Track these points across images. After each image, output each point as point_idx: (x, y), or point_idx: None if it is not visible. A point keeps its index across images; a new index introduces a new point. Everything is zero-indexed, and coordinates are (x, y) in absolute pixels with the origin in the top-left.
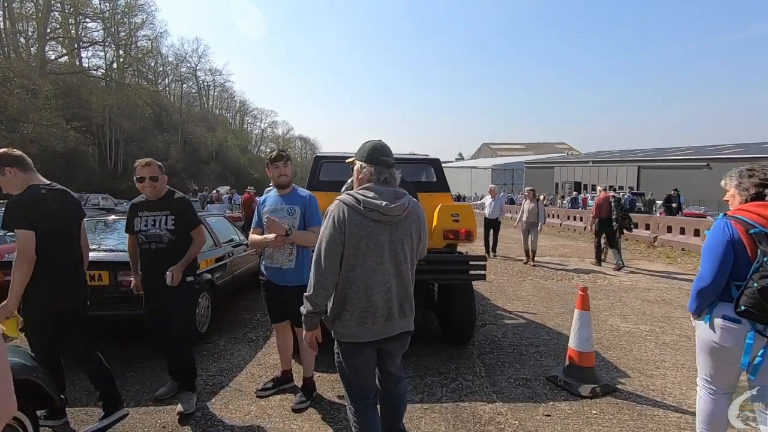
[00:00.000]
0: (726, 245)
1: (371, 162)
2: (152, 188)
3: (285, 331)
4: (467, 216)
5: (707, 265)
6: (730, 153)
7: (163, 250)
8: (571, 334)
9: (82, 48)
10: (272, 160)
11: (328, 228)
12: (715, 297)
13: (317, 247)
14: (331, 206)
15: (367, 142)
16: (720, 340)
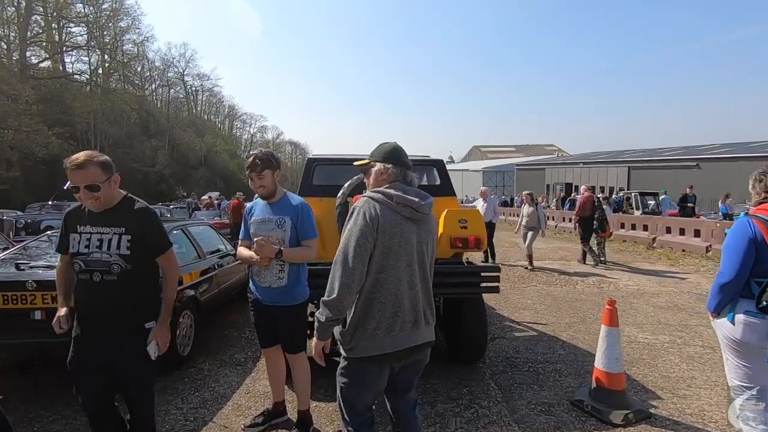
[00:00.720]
0: (748, 242)
1: (395, 163)
2: (94, 201)
3: (276, 357)
4: (476, 222)
5: (729, 262)
6: (719, 153)
7: (112, 284)
8: (598, 353)
9: (66, 52)
10: (247, 168)
11: (358, 224)
12: (736, 294)
13: (344, 245)
14: (358, 203)
15: (384, 144)
16: (742, 336)
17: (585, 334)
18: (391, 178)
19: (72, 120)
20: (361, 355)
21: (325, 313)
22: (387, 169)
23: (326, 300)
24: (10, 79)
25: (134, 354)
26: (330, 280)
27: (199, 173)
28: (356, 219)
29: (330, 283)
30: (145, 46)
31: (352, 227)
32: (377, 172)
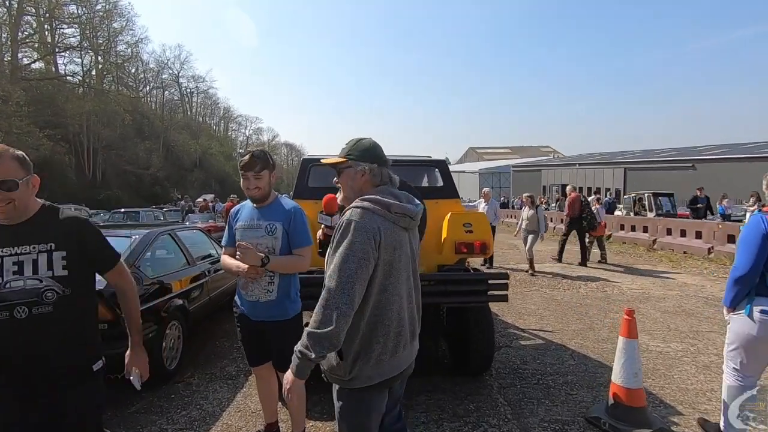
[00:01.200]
0: (762, 238)
1: (378, 162)
2: (6, 207)
3: (267, 375)
4: (481, 225)
5: (743, 256)
6: (715, 154)
7: (45, 318)
8: (615, 366)
9: (58, 53)
10: (241, 167)
11: (357, 243)
12: (750, 288)
13: (340, 267)
14: (349, 215)
15: (361, 140)
16: (758, 332)
17: (594, 342)
18: (375, 180)
19: (64, 122)
20: (365, 384)
21: (316, 349)
22: (371, 169)
23: (319, 332)
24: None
25: (84, 410)
26: (321, 307)
27: (194, 175)
28: (353, 235)
29: (321, 311)
30: (139, 47)
31: (349, 246)
32: (358, 173)
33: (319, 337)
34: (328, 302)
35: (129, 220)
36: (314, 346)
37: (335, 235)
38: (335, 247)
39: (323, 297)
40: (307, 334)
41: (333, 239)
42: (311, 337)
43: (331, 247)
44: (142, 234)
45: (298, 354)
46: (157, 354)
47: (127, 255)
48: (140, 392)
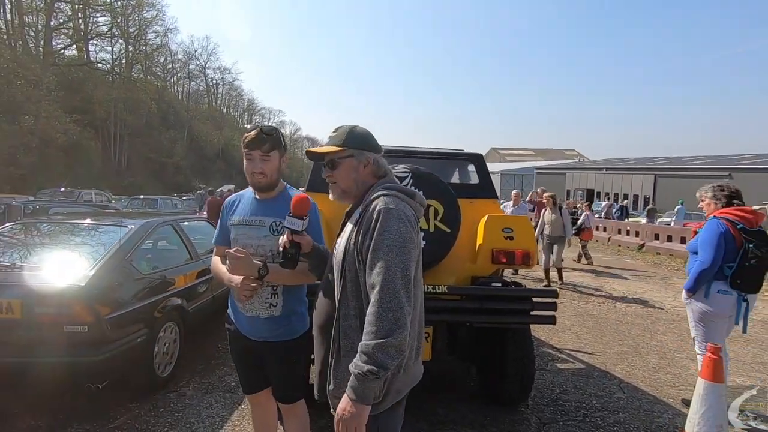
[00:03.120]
0: (720, 237)
1: (378, 151)
2: None
3: (264, 404)
4: (524, 231)
5: (708, 253)
6: (753, 163)
7: None
8: (692, 415)
9: (90, 41)
10: (245, 145)
11: (403, 230)
12: (710, 276)
13: (392, 261)
14: (383, 203)
15: (355, 127)
16: (716, 308)
17: (643, 370)
18: (379, 171)
19: (92, 108)
20: (394, 401)
21: (387, 362)
22: (375, 159)
23: (390, 341)
24: (33, 65)
25: None
26: (382, 309)
27: (216, 166)
28: (397, 223)
29: (383, 314)
30: (168, 37)
31: (396, 234)
32: (361, 163)
33: (391, 347)
34: (390, 302)
35: (147, 207)
36: (386, 359)
37: (369, 227)
38: (376, 239)
39: (380, 298)
40: (374, 347)
41: (365, 232)
42: (380, 349)
43: (353, 240)
44: (139, 223)
45: (367, 374)
46: (148, 359)
47: (119, 246)
48: (126, 403)
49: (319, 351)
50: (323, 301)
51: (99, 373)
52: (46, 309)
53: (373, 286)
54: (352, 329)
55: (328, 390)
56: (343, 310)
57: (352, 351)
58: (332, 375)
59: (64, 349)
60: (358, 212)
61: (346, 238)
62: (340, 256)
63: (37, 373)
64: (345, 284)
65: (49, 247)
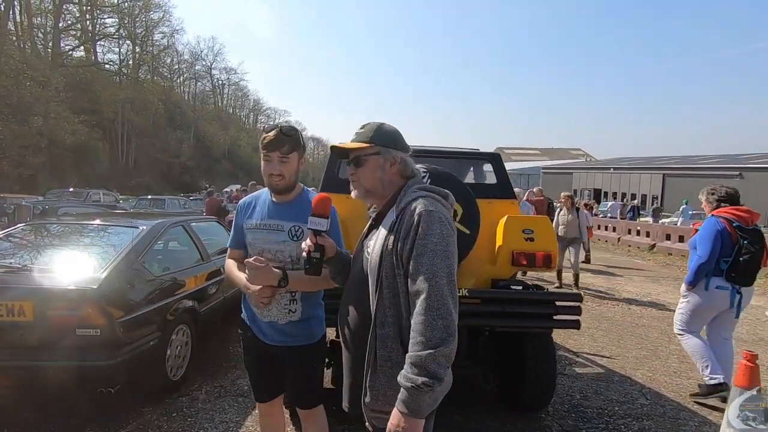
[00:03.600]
0: (717, 234)
1: (406, 150)
2: None
3: (275, 414)
4: (545, 232)
5: (705, 249)
6: (762, 162)
7: None
8: (725, 427)
9: (97, 42)
10: (264, 146)
11: (446, 234)
12: (709, 271)
13: (438, 266)
14: (423, 205)
15: (383, 124)
16: (712, 302)
17: (665, 375)
18: (406, 171)
19: (100, 108)
20: (430, 409)
21: (440, 372)
22: (402, 159)
23: (441, 351)
24: (41, 66)
25: None
26: (432, 318)
27: (222, 166)
28: (439, 226)
29: (433, 322)
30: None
31: (439, 238)
32: (387, 162)
33: (443, 356)
34: (439, 310)
35: (154, 207)
36: (438, 369)
37: (409, 231)
38: (419, 244)
39: (428, 306)
40: (426, 357)
41: (405, 236)
42: (433, 359)
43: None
44: (150, 224)
45: (421, 386)
46: (161, 363)
47: (131, 247)
48: (138, 407)
49: (349, 361)
50: (353, 309)
51: (111, 378)
52: (58, 311)
53: (419, 292)
54: (390, 337)
55: (364, 402)
56: (380, 317)
57: (389, 360)
58: (368, 386)
59: (76, 352)
60: (393, 215)
61: (382, 242)
62: (376, 262)
63: (48, 376)
64: (382, 291)
65: (61, 249)
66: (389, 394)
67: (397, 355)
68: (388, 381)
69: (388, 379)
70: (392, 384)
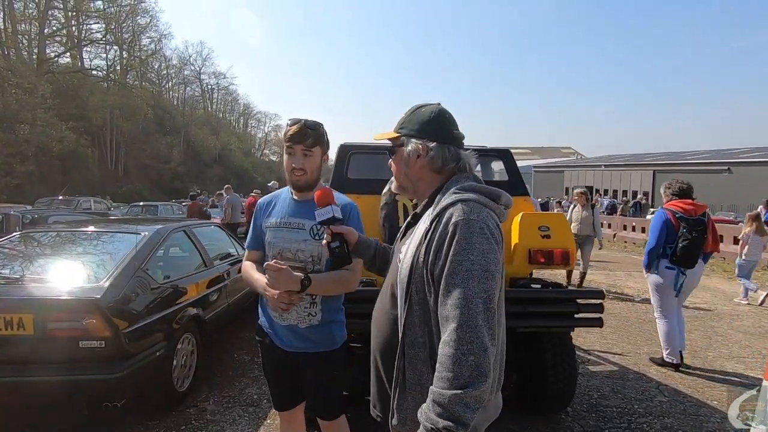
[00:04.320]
0: (663, 224)
1: (443, 139)
2: None
3: (296, 422)
4: (562, 229)
5: (653, 237)
6: (751, 157)
7: None
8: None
9: (84, 48)
10: (288, 139)
11: (485, 250)
12: (657, 256)
13: (470, 290)
14: (458, 214)
15: (421, 107)
16: (663, 281)
17: (679, 371)
18: (435, 164)
19: (87, 115)
20: None
21: (467, 416)
22: (428, 149)
23: (470, 393)
24: (27, 72)
25: None
26: (461, 353)
27: (213, 171)
28: (483, 240)
29: (461, 358)
30: (163, 43)
31: (480, 256)
32: (411, 153)
33: (471, 398)
34: (471, 344)
35: (147, 214)
36: (465, 412)
37: (442, 244)
38: (452, 261)
39: (458, 337)
40: (450, 398)
41: (437, 249)
42: (458, 401)
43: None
44: (152, 230)
45: (438, 428)
46: (167, 374)
47: (134, 254)
48: (144, 421)
49: (376, 368)
50: (382, 321)
51: (117, 391)
52: (59, 324)
53: (448, 320)
54: (420, 360)
55: (391, 423)
56: (409, 336)
57: (419, 385)
58: (396, 408)
59: (80, 365)
60: (427, 218)
61: (414, 252)
62: (406, 273)
63: (50, 392)
64: (411, 306)
65: (61, 258)
66: (417, 420)
67: (427, 380)
68: (417, 406)
69: (417, 404)
70: None
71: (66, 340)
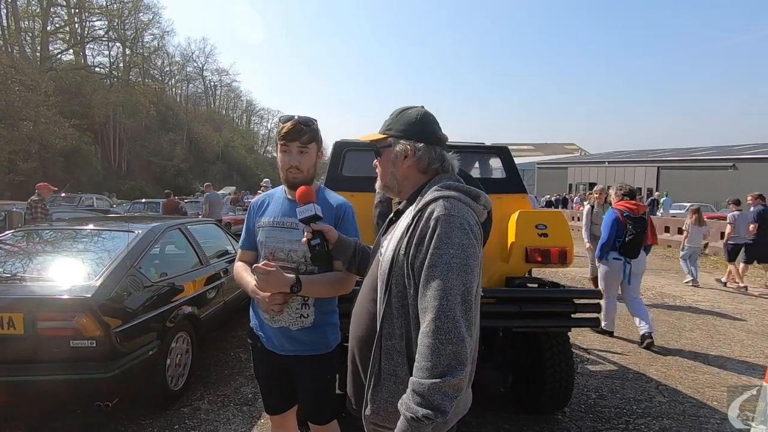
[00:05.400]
0: (613, 222)
1: (429, 140)
2: None
3: (288, 423)
4: (560, 227)
5: (605, 232)
6: (757, 153)
7: None
8: (757, 423)
9: (86, 44)
10: (282, 136)
11: (464, 244)
12: (609, 248)
13: (450, 283)
14: (439, 209)
15: (406, 109)
16: (613, 269)
17: (679, 371)
18: (422, 164)
19: (90, 112)
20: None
21: (446, 404)
22: (416, 150)
23: (448, 381)
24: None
25: None
26: (439, 342)
27: (216, 168)
28: (462, 235)
29: (440, 348)
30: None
31: (459, 250)
32: (398, 154)
33: (449, 387)
34: (449, 334)
35: (150, 211)
36: (443, 401)
37: (423, 238)
38: (432, 254)
39: (436, 327)
40: (429, 387)
41: (419, 242)
42: (437, 390)
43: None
44: (146, 228)
45: (422, 419)
46: (161, 373)
47: (126, 253)
48: (138, 420)
49: (352, 363)
50: (362, 312)
51: (109, 391)
52: (50, 323)
53: (426, 310)
54: (396, 351)
55: (364, 414)
56: (386, 328)
57: (394, 375)
58: (369, 399)
59: (71, 365)
60: (409, 215)
61: (395, 246)
62: (387, 266)
63: (41, 392)
64: (390, 299)
65: (53, 256)
66: (390, 410)
67: (402, 371)
68: (391, 397)
69: (391, 395)
70: (394, 400)
71: (57, 339)
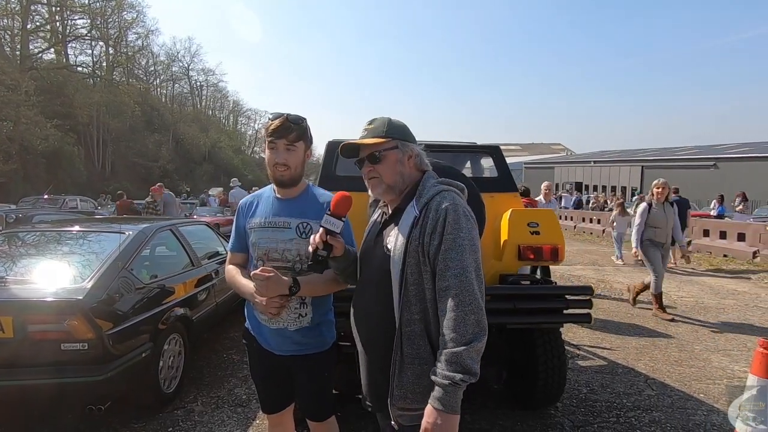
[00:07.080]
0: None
1: (415, 143)
2: None
3: (285, 424)
4: (551, 225)
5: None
6: (737, 153)
7: None
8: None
9: (68, 43)
10: (269, 133)
11: (473, 230)
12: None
13: (467, 262)
14: (450, 199)
15: (391, 118)
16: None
17: (667, 365)
18: (422, 165)
19: (73, 113)
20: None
21: (474, 367)
22: (419, 152)
23: (471, 347)
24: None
25: None
26: (464, 312)
27: (203, 168)
28: (466, 221)
29: (465, 316)
30: (150, 39)
31: (466, 234)
32: (406, 155)
33: (476, 351)
34: (471, 305)
35: None
36: (473, 364)
37: (436, 227)
38: (447, 239)
39: (460, 302)
40: (461, 353)
41: (432, 232)
42: (468, 355)
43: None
44: (137, 229)
45: (459, 383)
46: (153, 375)
47: (117, 254)
48: (131, 423)
49: (367, 363)
50: (370, 309)
51: (101, 394)
52: (40, 326)
53: (448, 288)
54: (417, 335)
55: (390, 400)
56: (406, 315)
57: (418, 358)
58: (396, 385)
59: (62, 369)
60: (414, 210)
61: (405, 239)
62: (400, 259)
63: (32, 396)
64: (407, 288)
65: (42, 258)
66: (418, 391)
67: (425, 351)
68: (417, 378)
69: (417, 376)
70: (420, 381)
71: (47, 342)
